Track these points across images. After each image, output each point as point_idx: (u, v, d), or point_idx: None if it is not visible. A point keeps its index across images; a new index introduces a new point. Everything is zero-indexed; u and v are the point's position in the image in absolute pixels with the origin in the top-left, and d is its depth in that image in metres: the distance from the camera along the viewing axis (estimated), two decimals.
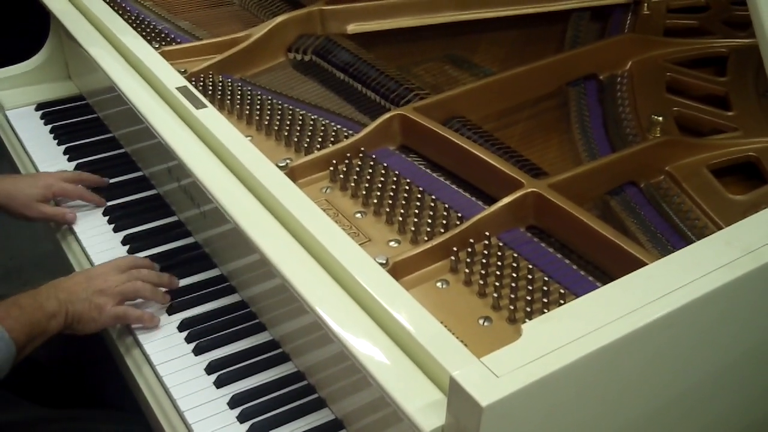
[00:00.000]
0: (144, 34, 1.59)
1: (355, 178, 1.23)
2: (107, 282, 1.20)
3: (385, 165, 1.25)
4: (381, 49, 1.60)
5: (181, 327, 1.22)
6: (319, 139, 1.32)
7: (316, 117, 1.38)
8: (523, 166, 1.20)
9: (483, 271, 1.05)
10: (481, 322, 1.00)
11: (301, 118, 1.38)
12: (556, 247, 1.10)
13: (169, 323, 1.23)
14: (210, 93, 1.45)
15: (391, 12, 1.63)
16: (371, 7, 1.63)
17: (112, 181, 1.54)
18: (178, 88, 1.33)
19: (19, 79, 1.79)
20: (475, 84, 1.40)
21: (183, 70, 1.47)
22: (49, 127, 1.70)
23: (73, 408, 1.34)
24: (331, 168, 1.25)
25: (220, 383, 1.13)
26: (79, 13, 1.61)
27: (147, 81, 1.40)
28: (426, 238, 1.12)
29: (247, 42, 1.55)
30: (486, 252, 1.08)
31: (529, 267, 1.07)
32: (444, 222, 1.14)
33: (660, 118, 1.28)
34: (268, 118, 1.38)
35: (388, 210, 1.17)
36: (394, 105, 1.39)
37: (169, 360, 1.17)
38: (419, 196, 1.19)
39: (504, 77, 1.41)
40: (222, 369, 1.14)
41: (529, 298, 1.01)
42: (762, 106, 1.35)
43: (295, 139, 1.33)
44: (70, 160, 1.60)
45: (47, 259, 2.45)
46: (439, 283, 1.07)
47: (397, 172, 1.23)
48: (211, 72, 1.50)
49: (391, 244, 1.13)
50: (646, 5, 1.64)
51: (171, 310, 1.24)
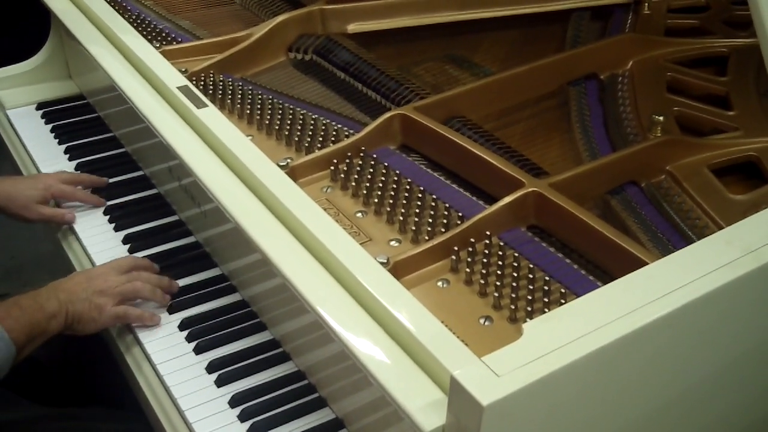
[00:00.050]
0: (145, 33, 1.58)
1: (356, 177, 1.23)
2: (107, 282, 1.20)
3: (385, 164, 1.25)
4: (381, 48, 1.60)
5: (182, 326, 1.22)
6: (320, 139, 1.32)
7: (316, 116, 1.38)
8: (523, 166, 1.20)
9: (484, 271, 1.05)
10: (481, 321, 1.00)
11: (301, 117, 1.38)
12: (557, 247, 1.10)
13: (169, 322, 1.23)
14: (211, 92, 1.45)
15: (391, 12, 1.63)
16: (372, 6, 1.63)
17: (112, 180, 1.54)
18: (178, 88, 1.33)
19: (19, 79, 1.79)
20: (476, 84, 1.40)
21: (184, 70, 1.47)
22: (49, 126, 1.70)
23: (74, 407, 1.34)
24: (332, 167, 1.25)
25: (220, 382, 1.13)
26: (79, 12, 1.61)
27: (148, 80, 1.40)
28: (427, 238, 1.12)
29: (248, 41, 1.55)
30: (487, 251, 1.08)
31: (530, 266, 1.07)
32: (445, 221, 1.14)
33: (661, 118, 1.28)
34: (268, 117, 1.38)
35: (388, 209, 1.17)
36: (394, 105, 1.39)
37: (170, 359, 1.17)
38: (420, 196, 1.19)
39: (504, 77, 1.41)
40: (222, 368, 1.14)
41: (529, 298, 1.02)
42: (763, 106, 1.35)
43: (296, 139, 1.33)
44: (70, 159, 1.60)
45: (48, 259, 2.45)
46: (439, 283, 1.07)
47: (397, 172, 1.23)
48: (211, 71, 1.50)
49: (392, 243, 1.13)
50: (646, 5, 1.64)
51: (171, 310, 1.24)
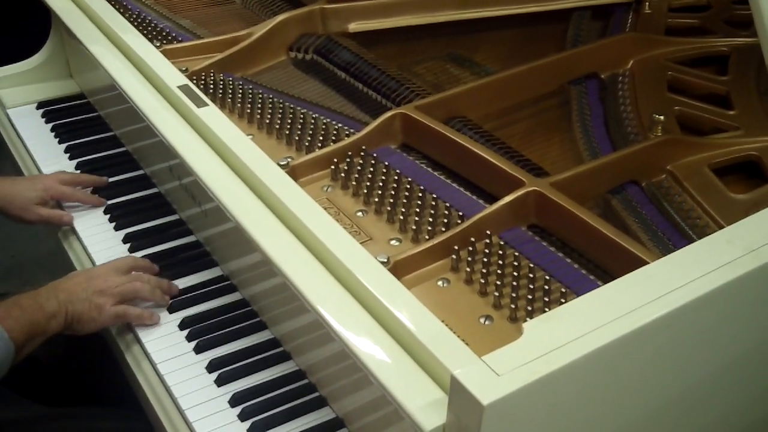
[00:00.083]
0: (145, 32, 1.58)
1: (357, 176, 1.23)
2: (107, 282, 1.20)
3: (386, 164, 1.25)
4: (382, 47, 1.60)
5: (182, 325, 1.22)
6: (320, 138, 1.32)
7: (317, 116, 1.38)
8: (524, 166, 1.19)
9: (484, 270, 1.05)
10: (482, 320, 1.00)
11: (302, 116, 1.38)
12: (558, 246, 1.10)
13: (169, 322, 1.23)
14: (211, 91, 1.45)
15: (392, 11, 1.63)
16: (372, 5, 1.62)
17: (113, 179, 1.54)
18: (179, 87, 1.33)
19: (20, 78, 1.79)
20: (477, 83, 1.40)
21: (184, 69, 1.47)
22: (50, 125, 1.70)
23: (73, 406, 1.34)
24: (333, 167, 1.25)
25: (220, 382, 1.13)
26: (80, 11, 1.61)
27: (148, 79, 1.40)
28: (427, 237, 1.12)
29: (249, 40, 1.55)
30: (487, 251, 1.08)
31: (530, 266, 1.07)
32: (445, 221, 1.14)
33: (661, 117, 1.27)
34: (269, 116, 1.38)
35: (389, 209, 1.17)
36: (395, 105, 1.39)
37: (170, 358, 1.17)
38: (420, 195, 1.19)
39: (505, 76, 1.41)
40: (223, 367, 1.14)
41: (530, 297, 1.02)
42: (763, 105, 1.34)
43: (296, 138, 1.33)
44: (71, 158, 1.60)
45: (48, 258, 2.46)
46: (440, 282, 1.07)
47: (398, 171, 1.23)
48: (212, 70, 1.50)
49: (393, 242, 1.13)
50: (647, 4, 1.64)
51: (172, 309, 1.24)
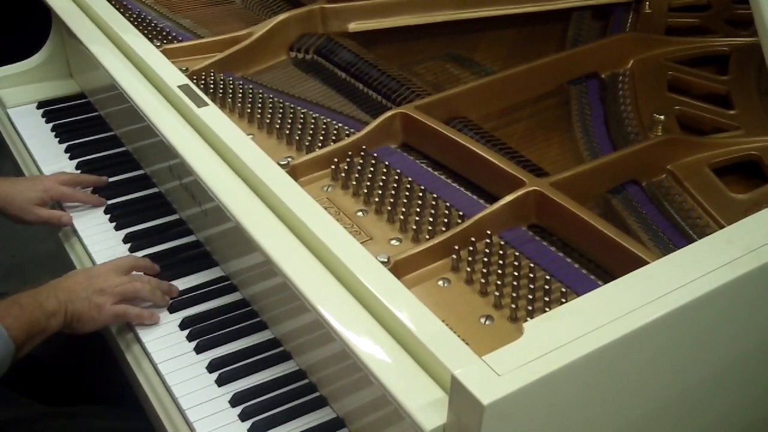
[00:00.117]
0: (145, 32, 1.58)
1: (357, 176, 1.23)
2: (107, 282, 1.20)
3: (386, 163, 1.25)
4: (382, 47, 1.60)
5: (183, 325, 1.22)
6: (321, 138, 1.32)
7: (317, 115, 1.38)
8: (524, 166, 1.19)
9: (484, 270, 1.05)
10: (482, 320, 1.00)
11: (302, 116, 1.38)
12: (558, 246, 1.10)
13: (170, 321, 1.23)
14: (211, 91, 1.45)
15: (392, 10, 1.63)
16: (372, 5, 1.62)
17: (113, 179, 1.54)
18: (179, 87, 1.33)
19: (20, 78, 1.79)
20: (477, 82, 1.40)
21: (184, 69, 1.46)
22: (50, 125, 1.70)
23: (73, 405, 1.34)
24: (333, 166, 1.25)
25: (221, 382, 1.13)
26: (80, 11, 1.61)
27: (148, 79, 1.40)
28: (427, 237, 1.12)
29: (249, 40, 1.55)
30: (487, 250, 1.08)
31: (531, 266, 1.07)
32: (445, 220, 1.14)
33: (662, 117, 1.27)
34: (269, 116, 1.38)
35: (389, 208, 1.17)
36: (395, 105, 1.39)
37: (171, 358, 1.17)
38: (421, 195, 1.19)
39: (505, 76, 1.41)
40: (223, 367, 1.15)
41: (530, 297, 1.02)
42: (764, 105, 1.34)
43: (297, 138, 1.33)
44: (71, 158, 1.60)
45: (48, 258, 2.46)
46: (440, 282, 1.07)
47: (398, 171, 1.23)
48: (212, 70, 1.50)
49: (393, 242, 1.13)
50: (647, 4, 1.64)
51: (172, 309, 1.24)
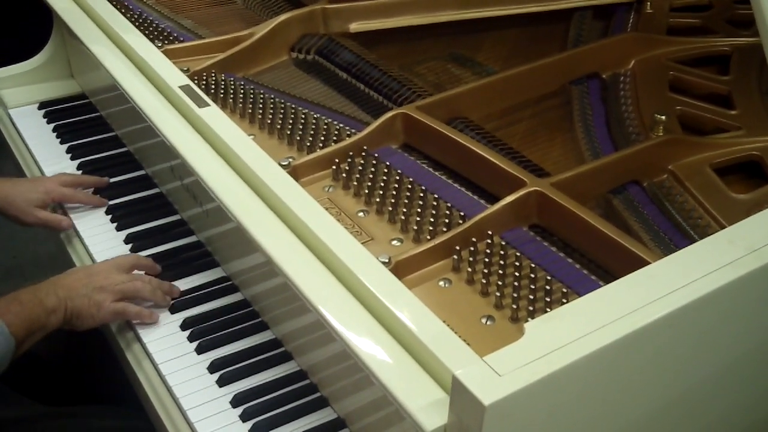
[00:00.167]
0: (147, 32, 1.58)
1: (358, 176, 1.23)
2: (108, 280, 1.21)
3: (387, 164, 1.25)
4: (383, 48, 1.60)
5: (184, 326, 1.22)
6: (322, 138, 1.32)
7: (318, 116, 1.38)
8: (526, 167, 1.19)
9: (485, 270, 1.05)
10: (483, 321, 1.00)
11: (303, 116, 1.38)
12: (559, 246, 1.10)
13: (171, 322, 1.23)
14: (212, 92, 1.45)
15: (393, 11, 1.63)
16: (374, 5, 1.62)
17: (114, 180, 1.54)
18: (180, 87, 1.33)
19: (21, 78, 1.79)
20: (478, 83, 1.40)
21: (186, 69, 1.47)
22: (51, 125, 1.70)
23: (73, 405, 1.34)
24: (334, 167, 1.25)
25: (222, 382, 1.13)
26: (81, 11, 1.61)
27: (149, 79, 1.40)
28: (428, 237, 1.12)
29: (250, 41, 1.55)
30: (488, 251, 1.08)
31: (532, 266, 1.07)
32: (446, 221, 1.13)
33: (663, 117, 1.27)
34: (270, 116, 1.38)
35: (390, 209, 1.17)
36: (396, 105, 1.39)
37: (172, 359, 1.17)
38: (422, 195, 1.19)
39: (507, 76, 1.41)
40: (224, 368, 1.14)
41: (531, 297, 1.02)
42: (765, 105, 1.34)
43: (298, 138, 1.33)
44: (72, 158, 1.60)
45: (49, 259, 2.46)
46: (441, 282, 1.07)
47: (399, 171, 1.23)
48: (213, 71, 1.50)
49: (394, 243, 1.13)
50: (648, 4, 1.64)
51: (173, 309, 1.24)
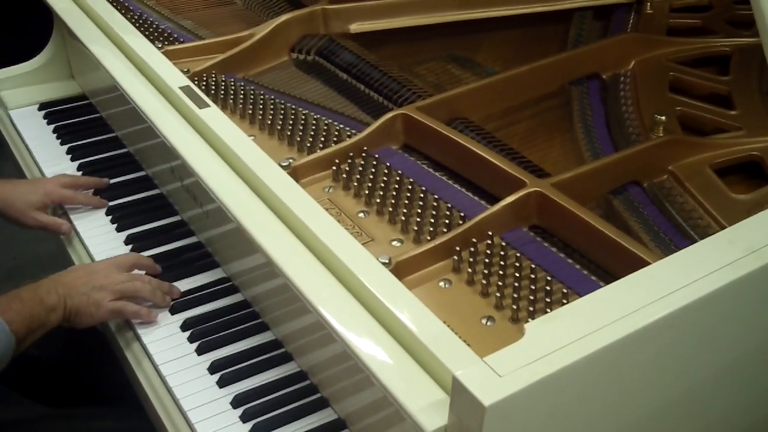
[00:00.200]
0: (147, 33, 1.58)
1: (358, 177, 1.23)
2: (108, 279, 1.21)
3: (387, 164, 1.25)
4: (384, 48, 1.60)
5: (184, 327, 1.22)
6: (322, 139, 1.32)
7: (318, 116, 1.38)
8: (526, 167, 1.19)
9: (486, 271, 1.05)
10: (483, 321, 1.00)
11: (303, 117, 1.38)
12: (559, 247, 1.10)
13: (171, 323, 1.23)
14: (213, 92, 1.45)
15: (393, 11, 1.63)
16: (374, 6, 1.62)
17: (114, 180, 1.54)
18: (180, 88, 1.33)
19: (22, 79, 1.79)
20: (478, 83, 1.40)
21: (186, 70, 1.47)
22: (52, 126, 1.70)
23: (73, 405, 1.35)
24: (334, 167, 1.25)
25: (222, 383, 1.13)
26: (82, 12, 1.61)
27: (150, 80, 1.40)
28: (429, 238, 1.12)
29: (250, 41, 1.55)
30: (489, 251, 1.08)
31: (532, 266, 1.07)
32: (447, 221, 1.13)
33: (663, 118, 1.27)
34: (270, 117, 1.38)
35: (390, 209, 1.17)
36: (396, 105, 1.39)
37: (172, 360, 1.17)
38: (422, 196, 1.19)
39: (507, 76, 1.41)
40: (225, 369, 1.14)
41: (531, 298, 1.02)
42: (765, 106, 1.34)
43: (298, 139, 1.33)
44: (73, 159, 1.60)
45: (49, 260, 2.45)
46: (441, 283, 1.07)
47: (399, 172, 1.23)
48: (213, 71, 1.50)
49: (394, 243, 1.13)
50: (648, 4, 1.64)
51: (174, 310, 1.24)
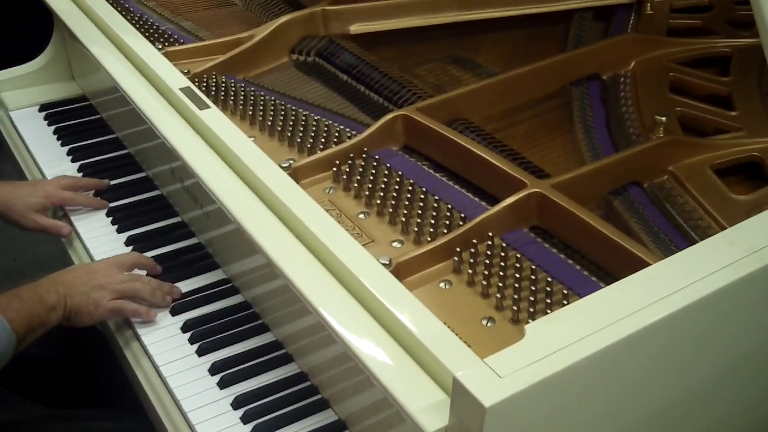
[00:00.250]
0: (147, 34, 1.58)
1: (358, 178, 1.23)
2: (108, 278, 1.21)
3: (388, 165, 1.25)
4: (384, 49, 1.60)
5: (185, 328, 1.22)
6: (322, 140, 1.32)
7: (319, 117, 1.38)
8: (526, 168, 1.19)
9: (486, 272, 1.05)
10: (484, 322, 1.00)
11: (304, 118, 1.38)
12: (560, 248, 1.10)
13: (172, 324, 1.23)
14: (213, 94, 1.45)
15: (393, 12, 1.63)
16: (374, 7, 1.62)
17: (115, 182, 1.54)
18: (181, 89, 1.33)
19: (22, 80, 1.80)
20: (478, 84, 1.40)
21: (186, 71, 1.47)
22: (52, 128, 1.70)
23: (74, 407, 1.35)
24: (334, 168, 1.25)
25: (223, 384, 1.13)
26: (82, 13, 1.61)
27: (150, 82, 1.40)
28: (429, 239, 1.12)
29: (250, 42, 1.55)
30: (489, 252, 1.08)
31: (532, 267, 1.07)
32: (447, 222, 1.14)
33: (663, 118, 1.27)
34: (271, 118, 1.38)
35: (391, 210, 1.17)
36: (396, 106, 1.39)
37: (173, 361, 1.17)
38: (422, 197, 1.19)
39: (507, 77, 1.41)
40: (225, 370, 1.15)
41: (532, 299, 1.02)
42: (765, 106, 1.34)
43: (298, 140, 1.33)
44: (73, 161, 1.61)
45: (49, 261, 2.45)
46: (442, 284, 1.07)
47: (400, 173, 1.23)
48: (214, 72, 1.50)
49: (394, 244, 1.13)
50: (649, 5, 1.64)
51: (174, 311, 1.25)
